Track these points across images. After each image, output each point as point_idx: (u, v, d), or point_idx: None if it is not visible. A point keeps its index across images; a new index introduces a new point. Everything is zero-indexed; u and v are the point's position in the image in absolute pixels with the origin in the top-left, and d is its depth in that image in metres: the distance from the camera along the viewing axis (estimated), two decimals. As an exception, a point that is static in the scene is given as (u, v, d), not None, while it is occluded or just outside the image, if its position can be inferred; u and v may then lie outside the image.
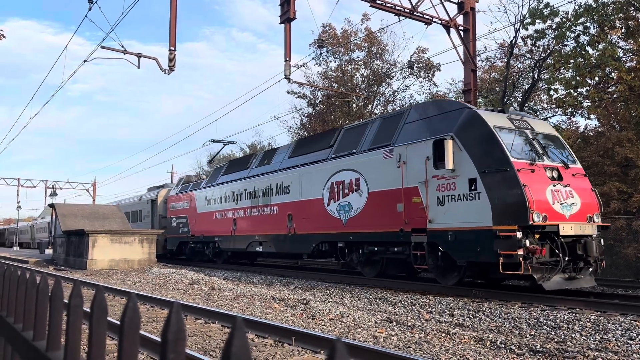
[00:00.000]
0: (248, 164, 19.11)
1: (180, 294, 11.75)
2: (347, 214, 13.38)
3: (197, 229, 21.86)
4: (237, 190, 19.00)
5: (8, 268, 2.10)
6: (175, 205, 24.34)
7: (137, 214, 29.58)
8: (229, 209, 19.39)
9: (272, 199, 16.69)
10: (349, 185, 13.41)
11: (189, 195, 22.99)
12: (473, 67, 17.67)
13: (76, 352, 1.24)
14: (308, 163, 15.21)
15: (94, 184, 57.36)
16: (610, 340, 6.34)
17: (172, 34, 14.64)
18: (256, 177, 17.84)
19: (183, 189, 24.10)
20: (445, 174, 10.80)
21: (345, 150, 13.92)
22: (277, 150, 18.12)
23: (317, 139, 16.49)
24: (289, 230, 15.73)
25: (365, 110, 30.86)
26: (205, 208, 21.31)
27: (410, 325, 7.22)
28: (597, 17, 16.90)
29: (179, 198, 24.04)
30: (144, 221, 28.28)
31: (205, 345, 6.21)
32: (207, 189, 21.44)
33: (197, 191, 22.18)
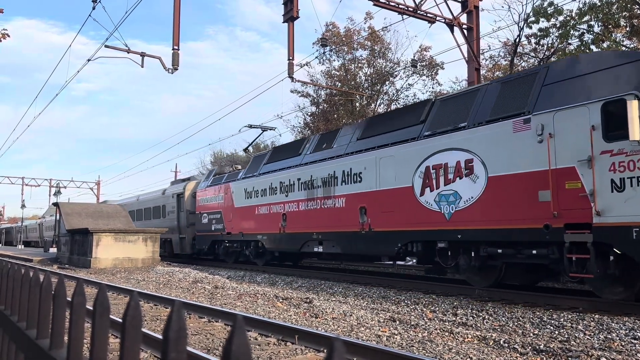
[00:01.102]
0: (300, 150, 16.40)
1: (184, 293, 11.78)
2: (453, 205, 10.64)
3: (235, 225, 19.22)
4: (286, 181, 16.30)
5: (12, 266, 2.11)
6: (206, 199, 21.65)
7: (159, 209, 27.11)
8: (277, 203, 16.73)
9: (337, 189, 14.02)
10: (454, 169, 10.62)
11: (223, 187, 20.27)
12: (477, 66, 17.63)
13: (79, 350, 1.25)
14: (389, 144, 12.52)
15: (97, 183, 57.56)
16: (614, 339, 6.33)
17: (176, 33, 14.66)
18: (313, 165, 15.20)
19: (216, 181, 21.35)
20: (627, 148, 7.96)
21: (447, 125, 11.10)
22: (339, 132, 15.28)
23: (398, 115, 13.48)
24: (361, 227, 12.98)
25: (368, 109, 30.85)
26: (244, 202, 18.74)
27: (414, 325, 7.22)
28: (602, 15, 16.84)
29: (211, 191, 21.38)
30: (168, 217, 25.80)
31: (208, 343, 6.22)
32: (246, 180, 18.81)
33: (234, 183, 19.50)
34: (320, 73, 32.02)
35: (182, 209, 24.18)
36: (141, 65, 16.36)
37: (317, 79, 31.71)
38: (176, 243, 24.74)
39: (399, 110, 15.10)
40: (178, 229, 24.35)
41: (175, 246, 24.94)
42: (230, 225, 19.58)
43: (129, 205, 31.16)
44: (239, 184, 19.27)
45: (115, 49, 16.04)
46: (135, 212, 29.90)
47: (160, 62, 15.71)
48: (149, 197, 29.22)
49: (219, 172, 22.50)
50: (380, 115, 15.58)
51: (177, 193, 24.89)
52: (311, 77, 31.45)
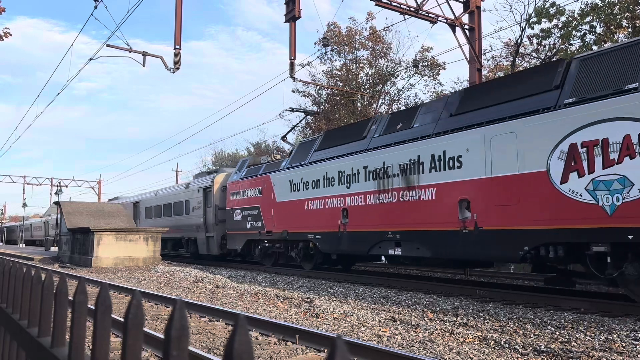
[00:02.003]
0: (364, 133, 13.78)
1: (185, 292, 11.79)
2: (618, 195, 8.05)
3: (276, 223, 16.65)
4: (347, 169, 13.71)
5: (14, 265, 2.11)
6: (240, 193, 19.05)
7: (182, 205, 24.23)
8: (335, 196, 14.12)
9: (422, 177, 11.37)
10: (621, 147, 8.02)
11: (261, 179, 17.71)
12: (478, 66, 17.62)
13: (80, 348, 1.25)
14: (505, 118, 9.85)
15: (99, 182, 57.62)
16: (615, 340, 6.32)
17: (178, 32, 14.68)
18: (384, 150, 12.58)
19: (251, 173, 18.78)
20: None
21: (603, 89, 8.51)
22: (419, 109, 12.54)
23: (512, 83, 10.53)
24: (462, 225, 10.41)
25: (369, 109, 30.85)
26: (289, 196, 16.11)
27: (414, 325, 7.22)
28: (604, 16, 16.83)
29: (246, 184, 18.76)
30: (193, 214, 22.99)
31: (209, 343, 6.23)
32: (292, 171, 16.16)
33: (276, 174, 16.92)
34: (322, 73, 32.06)
35: (209, 204, 21.38)
36: (143, 64, 16.38)
37: (318, 78, 31.74)
38: (202, 243, 22.05)
39: (510, 77, 11.25)
40: (204, 227, 21.66)
41: (200, 246, 22.26)
42: (270, 222, 17.01)
43: (145, 201, 29.39)
44: (282, 175, 16.57)
45: (117, 48, 16.06)
46: (153, 209, 27.87)
47: (162, 61, 15.72)
48: (170, 192, 26.39)
49: (253, 162, 19.83)
50: (484, 84, 11.94)
51: (204, 187, 22.01)
52: (313, 77, 31.48)
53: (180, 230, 24.04)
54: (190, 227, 22.91)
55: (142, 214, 29.58)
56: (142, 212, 29.68)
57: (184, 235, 23.88)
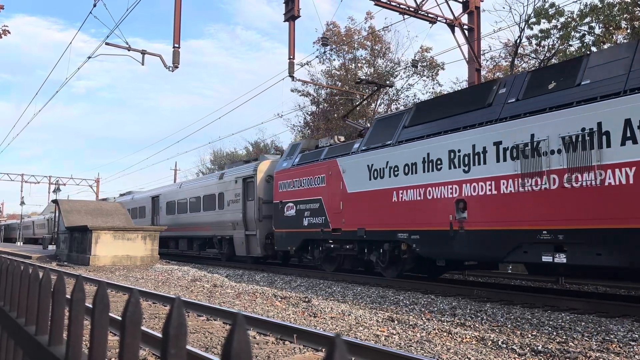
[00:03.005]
0: (489, 98, 10.57)
1: (183, 291, 11.78)
2: None
3: (348, 218, 13.50)
4: (465, 148, 10.55)
5: (11, 263, 2.11)
6: (293, 183, 16.03)
7: (214, 199, 21.02)
8: (443, 183, 10.86)
9: (608, 153, 8.20)
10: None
11: (325, 166, 14.58)
12: (477, 67, 17.63)
13: (78, 346, 1.25)
14: None
15: (97, 180, 57.55)
16: (612, 341, 6.33)
17: (177, 31, 14.66)
18: (530, 118, 9.44)
19: (308, 158, 15.70)
20: None
21: None
22: (586, 59, 9.30)
23: None
24: None
25: (368, 108, 30.85)
26: (368, 184, 12.94)
27: (412, 325, 7.23)
28: (603, 17, 16.85)
29: (300, 172, 15.71)
30: (229, 208, 19.71)
31: (207, 342, 6.23)
32: (371, 153, 12.93)
33: (347, 158, 13.78)
34: (321, 72, 32.05)
35: (250, 197, 18.35)
36: (142, 63, 16.36)
37: (317, 78, 31.73)
38: (239, 242, 18.95)
39: None
40: (244, 224, 18.61)
41: (238, 246, 19.15)
42: (338, 218, 13.88)
43: (167, 195, 26.34)
44: (356, 160, 13.44)
45: (116, 47, 16.04)
46: (177, 204, 24.75)
47: (161, 60, 15.71)
48: (199, 184, 23.25)
49: (307, 146, 16.83)
50: None
51: (244, 177, 18.90)
52: (312, 77, 31.46)
53: (211, 228, 21.08)
54: (224, 224, 19.92)
55: (163, 210, 26.44)
56: (162, 208, 26.57)
57: (216, 233, 20.81)
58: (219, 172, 22.98)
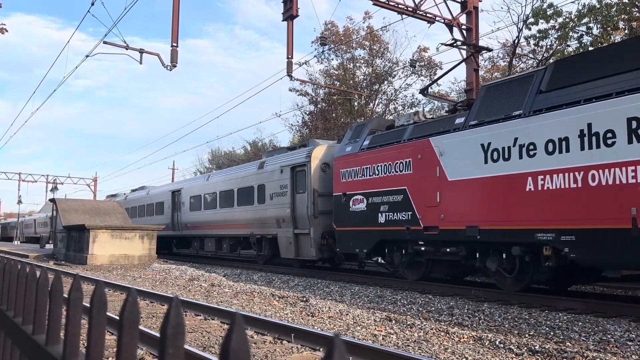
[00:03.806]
0: None
1: (180, 290, 11.77)
2: None
3: (450, 213, 10.77)
4: None
5: (8, 262, 2.10)
6: (361, 171, 13.27)
7: (250, 192, 18.30)
8: (619, 164, 8.12)
9: None
10: None
11: (411, 148, 11.90)
12: (475, 67, 17.65)
13: (75, 346, 1.25)
14: None
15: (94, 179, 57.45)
16: (609, 340, 6.35)
17: (175, 30, 14.64)
18: None
19: (383, 140, 12.99)
20: None
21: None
22: None
23: None
24: None
25: (366, 108, 30.87)
26: (483, 169, 10.11)
27: (410, 324, 7.23)
28: (601, 17, 16.89)
29: (372, 158, 12.99)
30: (272, 203, 16.93)
31: (204, 341, 6.22)
32: (486, 129, 10.17)
33: (446, 137, 11.06)
34: (319, 72, 32.05)
35: (302, 189, 15.57)
36: (140, 62, 16.33)
37: (315, 77, 31.73)
38: (286, 242, 16.26)
39: None
40: (292, 221, 15.88)
41: (284, 247, 16.40)
42: (434, 213, 11.15)
43: (191, 189, 23.56)
44: (462, 138, 10.68)
45: (114, 46, 16.01)
46: (204, 199, 21.94)
47: (159, 59, 15.69)
48: (232, 176, 20.32)
49: (378, 126, 14.04)
50: None
51: (294, 165, 16.07)
52: (310, 76, 31.46)
53: (248, 226, 18.36)
54: (265, 221, 17.21)
55: (186, 206, 23.61)
56: (184, 204, 23.70)
57: (254, 231, 18.02)
58: (257, 160, 19.56)
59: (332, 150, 15.39)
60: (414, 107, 30.20)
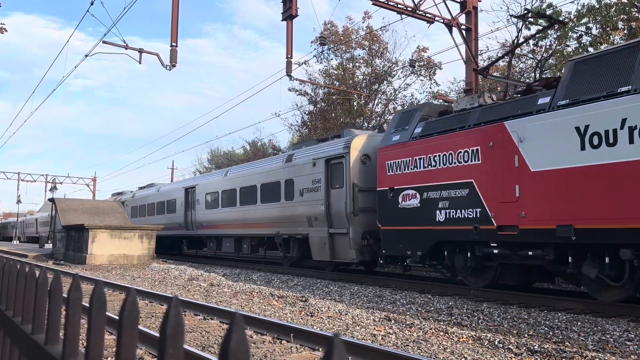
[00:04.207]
0: None
1: (180, 290, 11.77)
2: None
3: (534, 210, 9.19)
4: None
5: (8, 261, 2.10)
6: (415, 162, 11.68)
7: (277, 188, 16.66)
8: None
9: None
10: None
11: (480, 134, 10.34)
12: (475, 67, 17.65)
13: (75, 345, 1.25)
14: None
15: (94, 179, 57.42)
16: (608, 340, 6.35)
17: (174, 30, 14.64)
18: None
19: (441, 126, 11.36)
20: None
21: None
22: None
23: None
24: None
25: (366, 108, 30.86)
26: (579, 157, 8.58)
27: (409, 324, 7.23)
28: (600, 17, 16.89)
29: (426, 147, 11.45)
30: (303, 199, 15.36)
31: (203, 341, 6.22)
32: (583, 109, 8.58)
33: (528, 121, 9.44)
34: (318, 72, 32.04)
35: (338, 184, 13.99)
36: (139, 61, 16.32)
37: (315, 77, 31.71)
38: (319, 243, 14.64)
39: None
40: (327, 219, 14.27)
41: (316, 248, 14.77)
42: (511, 210, 9.57)
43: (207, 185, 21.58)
44: (550, 121, 9.07)
45: (113, 45, 16.00)
46: (223, 195, 20.08)
47: (158, 58, 15.68)
48: (254, 170, 18.51)
49: (429, 111, 12.47)
50: None
51: (329, 157, 14.44)
52: (309, 76, 31.44)
53: (273, 225, 16.83)
54: (294, 220, 15.67)
55: (201, 203, 21.86)
56: (199, 201, 22.00)
57: (281, 231, 16.41)
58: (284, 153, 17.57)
59: (373, 140, 13.78)
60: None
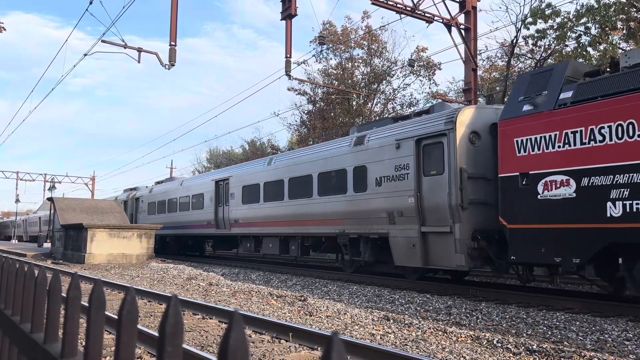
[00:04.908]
0: None
1: (178, 289, 11.76)
2: None
3: None
4: None
5: (6, 261, 2.10)
6: (562, 137, 9.04)
7: (341, 178, 13.86)
8: None
9: None
10: None
11: None
12: (474, 66, 17.66)
13: (74, 344, 1.25)
14: None
15: (92, 178, 57.35)
16: (607, 340, 6.36)
17: (173, 29, 14.63)
18: None
19: (604, 89, 8.70)
20: None
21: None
22: None
23: None
24: None
25: (365, 108, 30.86)
26: None
27: (407, 323, 7.24)
28: (599, 17, 16.90)
29: (595, 115, 8.60)
30: (378, 190, 12.61)
31: (202, 340, 6.22)
32: None
33: None
34: (317, 71, 32.03)
35: (438, 169, 11.23)
36: (138, 60, 16.31)
37: (314, 77, 31.70)
38: (406, 244, 11.78)
39: None
40: (418, 214, 11.45)
41: (402, 250, 11.86)
42: None
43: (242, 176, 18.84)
44: None
45: (112, 44, 15.99)
46: (263, 188, 17.33)
47: (157, 57, 15.67)
48: (309, 157, 15.50)
49: (574, 72, 9.79)
50: None
51: (421, 136, 11.65)
52: (308, 75, 31.43)
53: (335, 221, 13.97)
54: (367, 215, 12.84)
55: (236, 197, 19.03)
56: (234, 195, 19.21)
57: (346, 229, 13.55)
58: (352, 135, 14.45)
59: (484, 113, 11.19)
60: (413, 106, 30.22)
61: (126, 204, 30.48)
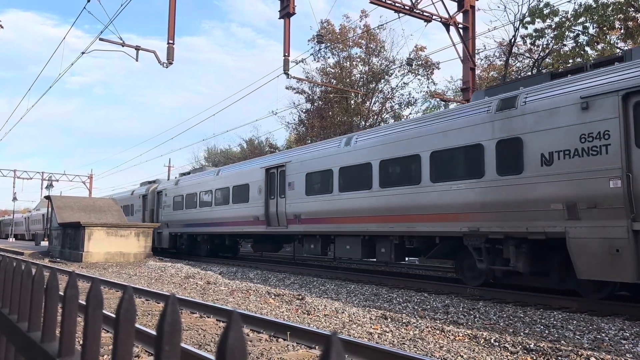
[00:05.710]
0: None
1: (176, 288, 11.75)
2: None
3: None
4: None
5: (3, 259, 2.09)
6: None
7: (469, 157, 10.51)
8: None
9: None
10: None
11: None
12: (472, 66, 17.68)
13: (71, 343, 1.25)
14: None
15: (90, 177, 57.25)
16: (604, 339, 6.38)
17: (171, 27, 14.61)
18: None
19: None
20: None
21: None
22: None
23: None
24: None
25: (363, 106, 30.86)
26: None
27: (405, 322, 7.24)
28: (597, 17, 16.93)
29: None
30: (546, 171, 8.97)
31: (200, 339, 6.22)
32: None
33: None
34: (316, 70, 32.02)
35: None
36: (136, 59, 16.28)
37: (312, 76, 31.69)
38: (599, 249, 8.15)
39: None
40: (628, 205, 7.85)
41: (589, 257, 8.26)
42: None
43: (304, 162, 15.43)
44: None
45: (110, 42, 15.95)
46: (338, 175, 13.99)
47: (155, 56, 15.64)
48: (414, 132, 11.94)
49: None
50: None
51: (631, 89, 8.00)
52: (306, 74, 31.42)
53: (464, 216, 10.48)
54: (524, 207, 9.36)
55: (295, 188, 15.78)
56: (292, 185, 15.96)
57: (482, 226, 10.10)
58: (482, 100, 10.82)
59: None
60: (411, 105, 30.25)
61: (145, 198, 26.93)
